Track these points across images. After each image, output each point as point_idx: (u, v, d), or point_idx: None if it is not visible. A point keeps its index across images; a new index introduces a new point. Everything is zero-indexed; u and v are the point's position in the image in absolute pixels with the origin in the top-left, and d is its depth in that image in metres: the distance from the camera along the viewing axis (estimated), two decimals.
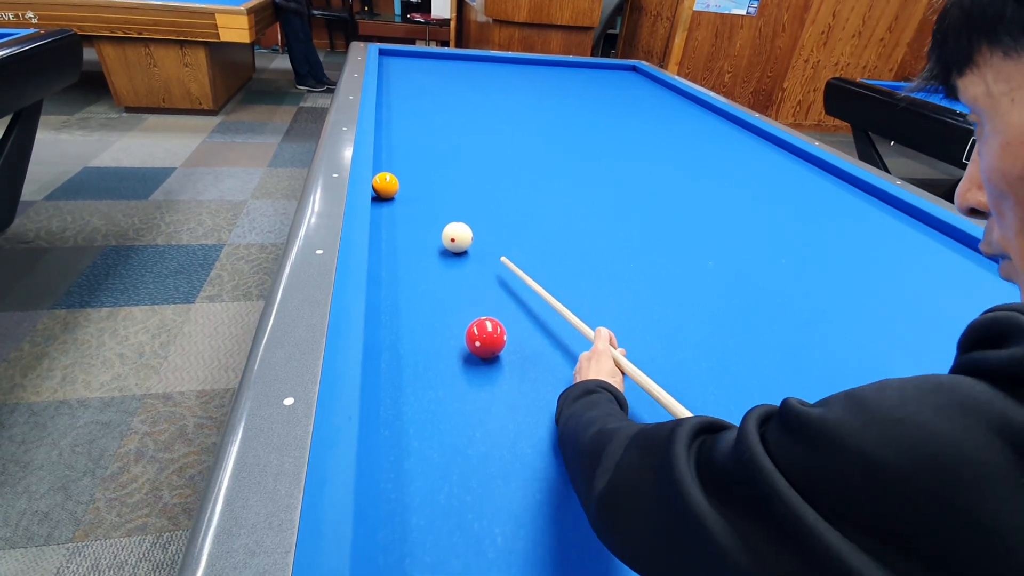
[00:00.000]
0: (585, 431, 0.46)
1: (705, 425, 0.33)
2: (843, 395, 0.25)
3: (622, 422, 0.44)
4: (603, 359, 0.64)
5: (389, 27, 5.96)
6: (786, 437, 0.25)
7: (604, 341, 0.68)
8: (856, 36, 4.73)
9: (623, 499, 0.34)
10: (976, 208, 0.33)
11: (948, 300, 1.01)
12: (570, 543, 0.52)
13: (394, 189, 1.16)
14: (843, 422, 0.23)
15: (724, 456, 0.28)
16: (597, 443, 0.41)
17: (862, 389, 0.24)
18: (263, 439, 0.53)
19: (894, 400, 0.22)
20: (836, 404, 0.24)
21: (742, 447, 0.26)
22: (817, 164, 1.66)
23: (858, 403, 0.23)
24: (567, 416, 0.54)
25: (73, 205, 2.51)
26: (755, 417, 0.28)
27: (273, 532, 0.45)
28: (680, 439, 0.31)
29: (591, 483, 0.38)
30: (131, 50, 3.40)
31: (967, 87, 0.30)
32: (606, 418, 0.47)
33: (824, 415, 0.24)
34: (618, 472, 0.36)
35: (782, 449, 0.25)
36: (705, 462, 0.29)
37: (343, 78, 1.82)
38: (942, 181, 4.09)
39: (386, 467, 0.57)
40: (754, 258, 1.10)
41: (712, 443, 0.30)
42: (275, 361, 0.61)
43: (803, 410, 0.25)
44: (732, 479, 0.26)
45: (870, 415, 0.22)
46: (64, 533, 1.21)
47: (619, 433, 0.40)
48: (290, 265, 0.79)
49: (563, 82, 2.43)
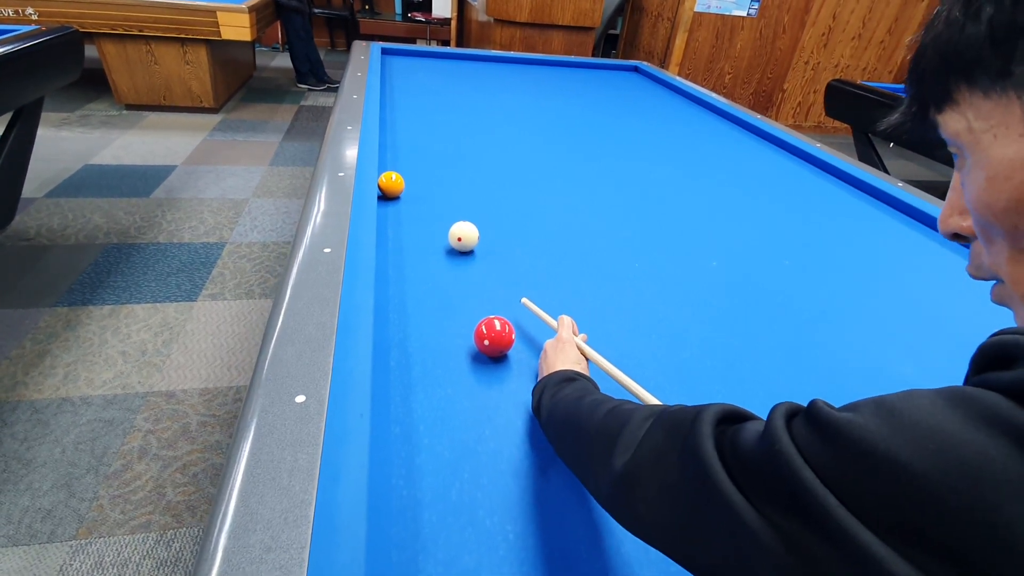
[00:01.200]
0: (594, 411, 0.46)
1: (729, 413, 0.33)
2: (871, 402, 0.26)
3: (634, 404, 0.45)
4: (568, 347, 0.65)
5: (390, 26, 5.96)
6: (815, 436, 0.25)
7: (568, 329, 0.70)
8: (856, 38, 4.74)
9: (646, 474, 0.35)
10: (959, 233, 0.34)
11: (947, 301, 1.02)
12: (581, 540, 0.53)
13: (400, 188, 1.17)
14: (873, 427, 0.24)
15: (751, 445, 0.28)
16: (614, 420, 0.42)
17: (889, 397, 0.25)
18: (276, 436, 0.53)
19: (923, 409, 0.23)
20: (865, 410, 0.25)
21: (770, 439, 0.27)
22: (818, 165, 1.67)
23: (888, 410, 0.24)
24: (556, 401, 0.54)
25: (74, 203, 2.50)
26: (782, 413, 0.28)
27: (289, 528, 0.45)
28: (706, 422, 0.32)
29: (608, 460, 0.39)
30: (132, 47, 3.39)
31: (947, 123, 0.30)
32: (615, 400, 0.48)
33: (853, 419, 0.25)
34: (640, 450, 0.37)
35: (812, 448, 0.25)
36: (730, 448, 0.29)
37: (347, 77, 1.82)
38: (941, 183, 4.10)
39: (397, 463, 0.58)
40: (756, 258, 1.10)
41: (738, 431, 0.30)
42: (286, 359, 0.62)
43: (833, 413, 0.26)
44: (760, 469, 0.27)
45: (900, 422, 0.23)
46: (67, 531, 1.21)
47: (637, 412, 0.41)
48: (298, 263, 0.79)
49: (564, 82, 2.44)
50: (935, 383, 0.81)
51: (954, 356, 0.85)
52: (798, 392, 0.74)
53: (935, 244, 1.24)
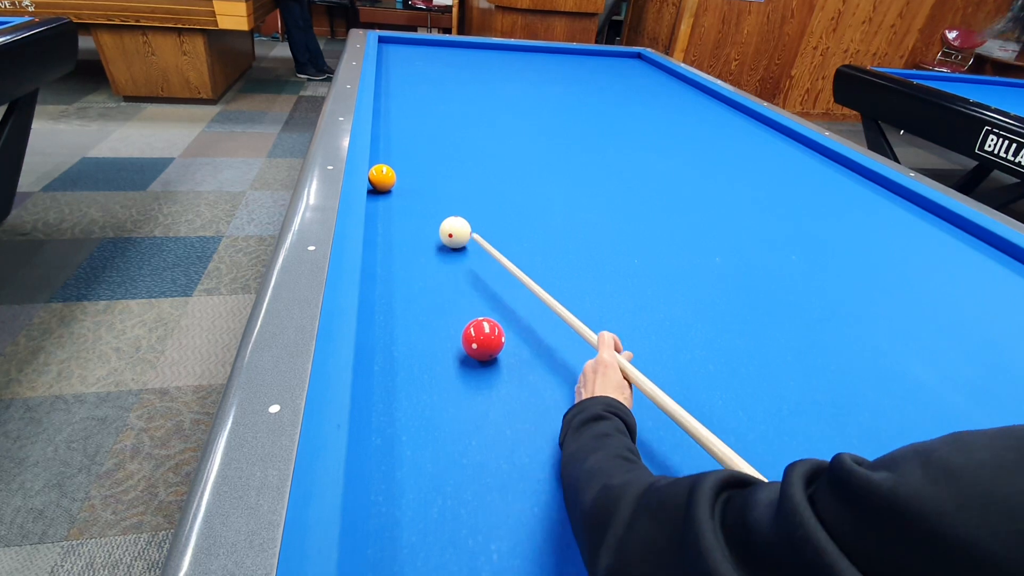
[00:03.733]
0: (588, 485, 0.41)
1: (728, 480, 0.28)
2: (912, 455, 0.20)
3: (628, 474, 0.40)
4: (610, 372, 0.58)
5: (390, 14, 5.88)
6: (846, 510, 0.20)
7: (609, 349, 0.62)
8: (866, 22, 4.63)
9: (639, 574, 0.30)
10: None
11: (964, 298, 0.97)
12: (570, 560, 0.49)
13: (391, 182, 1.13)
14: (927, 497, 0.18)
15: (764, 524, 0.23)
16: (602, 506, 0.37)
17: (935, 448, 0.20)
18: (247, 449, 0.50)
19: (990, 468, 0.18)
20: (908, 469, 0.19)
21: (789, 518, 0.22)
22: (826, 154, 1.61)
23: (941, 470, 0.18)
24: (572, 451, 0.49)
25: (71, 196, 2.48)
26: (799, 477, 0.23)
27: (254, 552, 0.42)
28: (702, 501, 0.26)
29: (596, 552, 0.34)
30: (129, 38, 3.35)
31: None
32: (612, 467, 0.42)
33: (896, 487, 0.19)
34: (626, 547, 0.32)
35: (844, 526, 0.20)
36: (736, 527, 0.24)
37: (341, 66, 1.78)
38: (953, 171, 4.02)
39: (377, 478, 0.54)
40: (762, 253, 1.06)
41: (743, 503, 0.25)
42: (262, 365, 0.58)
43: (865, 476, 0.20)
44: (778, 558, 0.22)
45: (962, 489, 0.17)
46: (59, 531, 1.20)
47: (626, 493, 0.35)
48: (280, 262, 0.75)
49: (567, 70, 2.38)
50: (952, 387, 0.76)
51: (971, 358, 0.81)
52: (807, 398, 0.71)
53: (948, 237, 1.19)
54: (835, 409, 0.69)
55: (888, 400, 0.72)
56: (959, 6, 4.73)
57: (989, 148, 2.16)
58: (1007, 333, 0.88)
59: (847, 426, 0.67)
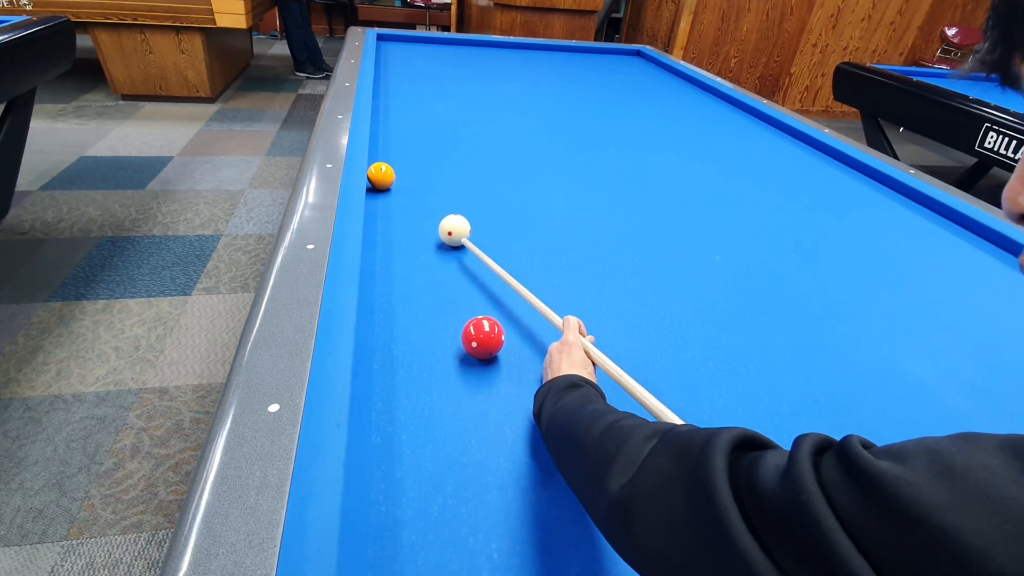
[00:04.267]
0: (592, 424, 0.43)
1: (745, 439, 0.29)
2: (921, 450, 0.21)
3: (637, 419, 0.42)
4: (574, 350, 0.61)
5: (389, 12, 5.86)
6: (852, 488, 0.21)
7: (574, 331, 0.65)
8: (866, 19, 4.62)
9: (646, 504, 0.32)
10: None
11: (962, 294, 0.97)
12: (572, 560, 0.49)
13: (390, 180, 1.13)
14: (930, 492, 0.19)
15: (771, 486, 0.24)
16: (612, 438, 0.39)
17: (945, 447, 0.20)
18: (246, 448, 0.50)
19: (995, 474, 0.18)
20: (916, 462, 0.20)
21: (795, 483, 0.23)
22: (825, 151, 1.61)
23: (947, 469, 0.19)
24: (557, 408, 0.51)
25: (69, 195, 2.47)
26: (809, 447, 0.24)
27: (253, 552, 0.42)
28: (719, 450, 0.28)
29: (604, 480, 0.36)
30: (126, 36, 3.34)
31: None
32: (616, 413, 0.44)
33: (901, 477, 0.20)
34: (642, 474, 0.33)
35: (848, 503, 0.21)
36: (747, 485, 0.26)
37: (339, 64, 1.77)
38: (953, 168, 4.02)
39: (376, 477, 0.54)
40: (762, 251, 1.06)
41: (755, 464, 0.26)
42: (261, 364, 0.58)
43: (873, 462, 0.21)
44: (783, 518, 0.23)
45: (963, 488, 0.18)
46: (59, 531, 1.19)
47: (639, 430, 0.37)
48: (279, 261, 0.75)
49: (566, 68, 2.38)
50: (952, 386, 0.76)
51: (971, 357, 0.81)
52: (807, 396, 0.70)
53: (948, 234, 1.19)
54: (835, 407, 0.69)
55: (888, 398, 0.72)
56: (959, 3, 4.73)
57: (989, 145, 2.16)
58: (1007, 331, 0.88)
59: (847, 424, 0.67)
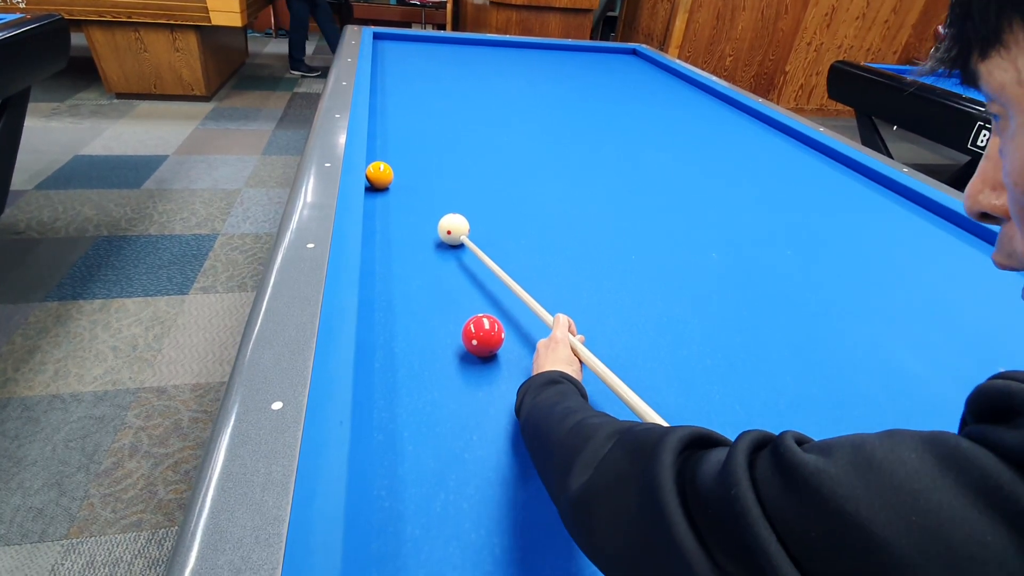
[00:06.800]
0: (561, 421, 0.44)
1: (696, 438, 0.31)
2: (848, 445, 0.22)
3: (603, 417, 0.43)
4: (560, 347, 0.63)
5: (385, 10, 5.85)
6: (778, 481, 0.23)
7: (563, 328, 0.66)
8: (860, 18, 4.65)
9: (603, 501, 0.33)
10: (989, 212, 0.28)
11: (956, 292, 0.98)
12: (573, 553, 0.50)
13: (388, 179, 1.13)
14: (845, 482, 0.20)
15: (709, 481, 0.26)
16: (577, 436, 0.40)
17: (871, 442, 0.21)
18: (250, 446, 0.50)
19: (908, 467, 0.19)
20: (840, 456, 0.21)
21: (729, 478, 0.24)
22: (820, 150, 1.62)
23: (866, 461, 0.21)
24: (533, 404, 0.52)
25: (64, 195, 2.46)
26: (747, 444, 0.26)
27: (260, 547, 0.43)
28: (668, 449, 0.29)
29: (566, 477, 0.37)
30: (120, 35, 3.32)
31: (992, 72, 0.25)
32: (585, 411, 0.45)
33: (823, 469, 0.21)
34: (599, 473, 0.34)
35: (772, 495, 0.22)
36: (690, 481, 0.27)
37: (336, 63, 1.77)
38: (946, 167, 4.05)
39: (379, 474, 0.55)
40: (757, 249, 1.07)
41: (700, 461, 0.28)
42: (263, 363, 0.59)
43: (800, 456, 0.22)
44: (715, 511, 0.24)
45: (879, 481, 0.20)
46: (58, 530, 1.20)
47: (602, 429, 0.38)
48: (279, 260, 0.76)
49: (562, 66, 2.38)
50: (946, 380, 0.77)
51: (964, 351, 0.82)
52: (803, 392, 0.72)
53: (941, 232, 1.21)
54: (831, 403, 0.70)
55: (883, 393, 0.73)
56: (952, 1, 4.75)
57: (981, 143, 2.17)
58: (999, 326, 0.90)
59: (843, 419, 0.68)
